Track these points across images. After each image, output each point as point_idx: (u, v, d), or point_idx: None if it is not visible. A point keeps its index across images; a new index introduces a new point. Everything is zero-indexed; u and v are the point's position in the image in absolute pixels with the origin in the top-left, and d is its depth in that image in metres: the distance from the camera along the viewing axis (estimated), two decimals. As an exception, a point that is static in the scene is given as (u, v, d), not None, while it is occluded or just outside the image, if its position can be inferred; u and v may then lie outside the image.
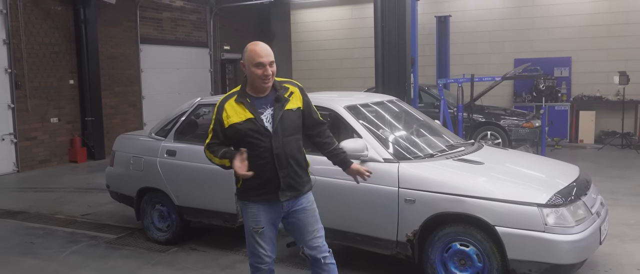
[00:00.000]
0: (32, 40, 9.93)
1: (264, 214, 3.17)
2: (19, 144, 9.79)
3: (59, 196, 7.87)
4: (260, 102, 3.08)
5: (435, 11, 13.18)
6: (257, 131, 3.03)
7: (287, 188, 3.10)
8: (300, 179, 3.16)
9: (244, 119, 3.04)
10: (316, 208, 3.28)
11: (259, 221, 3.17)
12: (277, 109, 3.06)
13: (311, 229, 3.22)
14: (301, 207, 3.20)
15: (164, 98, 12.82)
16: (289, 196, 3.13)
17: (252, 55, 3.00)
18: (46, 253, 5.32)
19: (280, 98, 3.08)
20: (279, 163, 3.06)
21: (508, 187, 3.76)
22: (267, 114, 3.06)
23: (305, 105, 3.20)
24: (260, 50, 3.01)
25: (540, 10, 12.56)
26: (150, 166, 5.37)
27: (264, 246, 3.19)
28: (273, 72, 3.03)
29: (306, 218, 3.21)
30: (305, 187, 3.21)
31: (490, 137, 10.00)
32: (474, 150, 4.60)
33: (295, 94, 3.15)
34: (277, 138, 3.04)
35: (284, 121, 3.06)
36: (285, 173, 3.08)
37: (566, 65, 12.38)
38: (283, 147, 3.05)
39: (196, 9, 14.04)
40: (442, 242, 3.87)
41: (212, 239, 5.57)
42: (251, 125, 3.04)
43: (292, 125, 3.11)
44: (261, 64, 2.99)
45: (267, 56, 3.00)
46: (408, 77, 7.95)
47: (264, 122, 3.04)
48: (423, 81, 11.88)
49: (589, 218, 3.74)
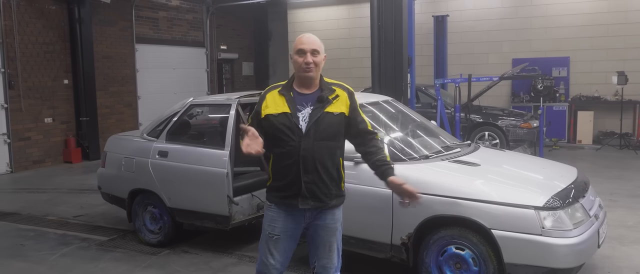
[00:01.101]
0: (25, 40, 9.83)
1: (283, 222, 2.97)
2: (12, 144, 9.70)
3: (51, 197, 7.78)
4: (302, 98, 2.90)
5: (433, 11, 13.11)
6: (289, 128, 2.85)
7: (310, 196, 2.87)
8: (327, 190, 2.90)
9: (280, 112, 2.88)
10: (340, 227, 3.04)
11: (275, 227, 2.98)
12: (317, 109, 2.86)
13: (328, 249, 3.00)
14: (323, 223, 2.96)
15: (160, 98, 12.72)
16: (311, 205, 2.89)
17: (296, 43, 2.90)
18: (36, 255, 5.23)
19: (322, 98, 2.88)
20: (305, 167, 2.84)
21: (504, 189, 3.68)
22: (305, 112, 2.86)
23: (351, 111, 2.94)
24: (304, 38, 2.90)
25: (539, 10, 12.50)
26: (141, 167, 5.29)
27: (275, 255, 2.99)
28: (316, 62, 2.86)
29: (325, 235, 2.98)
30: (332, 200, 2.94)
31: (488, 137, 9.93)
32: (470, 151, 4.52)
33: (341, 98, 2.92)
34: (308, 139, 2.83)
35: (320, 123, 2.84)
36: (309, 179, 2.85)
37: (564, 65, 12.31)
38: (312, 150, 2.83)
39: (192, 8, 13.94)
40: (437, 245, 3.80)
41: (205, 241, 5.48)
42: (285, 120, 2.86)
43: (329, 129, 2.86)
44: (302, 51, 2.86)
45: (309, 44, 2.86)
46: (405, 77, 7.88)
47: (299, 120, 2.85)
48: (421, 81, 11.82)
49: (587, 221, 3.67)
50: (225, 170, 4.73)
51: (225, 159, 4.75)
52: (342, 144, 2.98)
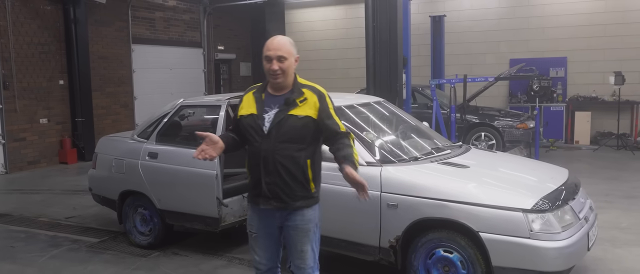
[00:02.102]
0: (20, 40, 9.81)
1: (257, 221, 3.05)
2: (7, 145, 9.67)
3: (45, 198, 7.75)
4: (272, 100, 2.92)
5: (430, 11, 13.07)
6: (254, 129, 2.91)
7: (272, 196, 2.91)
8: (290, 191, 2.90)
9: (249, 113, 2.95)
10: (314, 229, 3.01)
11: (252, 226, 3.09)
12: (281, 111, 2.87)
13: (299, 249, 3.00)
14: (293, 224, 2.97)
15: (157, 99, 12.67)
16: (274, 206, 2.92)
17: (264, 49, 2.88)
18: (25, 257, 5.20)
19: (289, 101, 2.88)
20: (266, 168, 2.88)
21: (492, 191, 3.65)
22: (271, 113, 2.89)
23: (320, 114, 2.90)
24: (271, 44, 2.87)
25: (536, 10, 12.45)
26: (132, 168, 5.26)
27: (257, 251, 3.11)
28: (282, 68, 2.85)
29: (296, 236, 2.98)
30: (297, 202, 2.93)
31: (484, 138, 9.89)
32: (460, 153, 4.49)
33: (310, 101, 2.89)
34: (268, 141, 2.86)
35: (282, 125, 2.86)
36: (270, 180, 2.88)
37: (562, 65, 12.27)
38: (273, 152, 2.85)
39: (189, 8, 13.91)
40: (425, 248, 3.76)
41: (195, 243, 5.45)
42: (251, 121, 2.93)
43: (292, 132, 2.85)
44: (268, 58, 2.86)
45: (275, 50, 2.84)
46: (400, 78, 7.84)
47: (264, 121, 2.88)
48: (418, 81, 11.80)
49: (576, 224, 3.63)
50: (215, 172, 4.70)
51: (214, 161, 4.70)
52: (310, 147, 2.94)
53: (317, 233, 3.08)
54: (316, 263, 3.10)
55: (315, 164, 3.00)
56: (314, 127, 2.90)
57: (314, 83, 3.02)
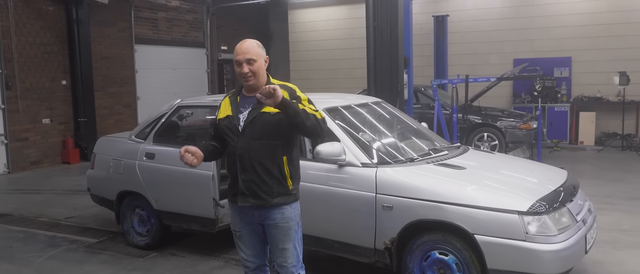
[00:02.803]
0: (23, 41, 9.84)
1: (239, 219, 3.11)
2: (9, 145, 9.71)
3: (46, 198, 7.77)
4: (246, 101, 3.00)
5: (433, 10, 13.02)
6: (230, 129, 3.00)
7: (250, 194, 2.96)
8: (267, 188, 2.94)
9: (225, 115, 3.04)
10: (294, 227, 3.03)
11: (235, 224, 3.15)
12: (254, 109, 2.94)
13: (281, 248, 3.03)
14: (273, 222, 3.00)
15: (159, 99, 12.64)
16: (252, 203, 2.96)
17: (234, 53, 2.96)
18: (23, 257, 5.20)
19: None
20: (242, 165, 2.95)
21: (488, 193, 3.60)
22: (245, 113, 2.97)
23: None
24: (239, 48, 2.94)
25: (540, 10, 12.37)
26: (129, 169, 5.25)
27: (243, 249, 3.17)
28: (253, 70, 2.92)
29: (277, 234, 3.02)
30: (274, 198, 2.95)
31: (487, 139, 9.83)
32: (458, 154, 4.44)
33: None
34: (243, 139, 2.94)
35: (256, 122, 2.92)
36: (246, 177, 2.94)
37: (566, 65, 12.18)
38: (248, 149, 2.92)
39: (193, 9, 13.92)
40: (420, 250, 3.72)
41: (193, 243, 5.44)
42: (227, 122, 3.02)
43: (265, 128, 2.91)
44: (238, 62, 2.94)
45: (243, 54, 2.91)
46: (400, 78, 7.80)
47: (239, 121, 2.97)
48: (422, 81, 11.75)
49: (573, 226, 3.57)
50: (211, 172, 4.68)
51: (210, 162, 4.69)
52: (285, 143, 2.97)
53: (299, 231, 3.11)
54: (299, 262, 3.11)
55: (292, 161, 3.04)
56: (287, 122, 2.88)
57: (286, 82, 3.08)
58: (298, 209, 3.08)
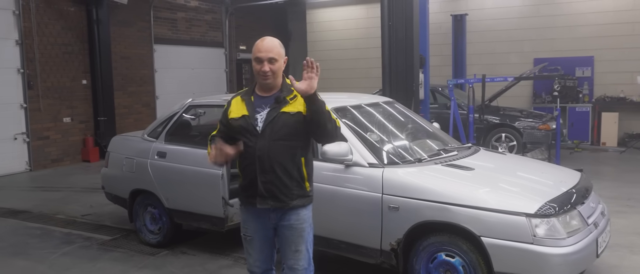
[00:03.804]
0: (44, 41, 10.03)
1: (253, 223, 3.04)
2: (31, 143, 9.91)
3: (64, 196, 7.90)
4: (261, 101, 2.94)
5: (452, 10, 12.88)
6: (247, 130, 2.91)
7: (269, 196, 2.90)
8: (286, 190, 2.90)
9: (240, 115, 2.95)
10: (308, 228, 3.01)
11: (247, 228, 3.08)
12: (273, 109, 2.89)
13: (293, 250, 2.99)
14: (288, 223, 2.96)
15: (178, 98, 12.66)
16: (271, 205, 2.91)
17: (254, 49, 2.90)
18: (38, 254, 5.30)
19: (279, 99, 2.90)
20: (261, 167, 2.87)
21: (496, 195, 3.54)
22: (263, 113, 2.90)
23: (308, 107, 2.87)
24: (261, 45, 2.87)
25: (561, 8, 12.14)
26: (141, 167, 5.30)
27: (252, 254, 3.10)
28: (273, 70, 2.86)
29: (291, 236, 2.97)
30: (293, 200, 2.92)
31: (505, 139, 9.68)
32: (468, 155, 4.38)
33: (299, 99, 2.87)
34: (263, 139, 2.87)
35: (276, 123, 2.86)
36: (266, 179, 2.88)
37: (588, 65, 11.93)
38: (268, 150, 2.85)
39: (211, 9, 14.03)
40: (427, 252, 3.68)
41: (204, 242, 5.47)
42: (243, 122, 2.93)
43: (285, 129, 2.86)
44: (259, 60, 2.86)
45: (266, 52, 2.85)
46: (416, 78, 7.73)
47: (257, 122, 2.89)
48: (440, 81, 11.61)
49: (584, 229, 3.49)
50: (220, 171, 4.69)
51: (220, 161, 4.71)
52: (303, 144, 2.95)
53: (311, 233, 3.08)
54: (311, 264, 3.07)
55: (309, 162, 3.01)
56: (305, 122, 2.89)
57: None
58: (311, 211, 3.05)
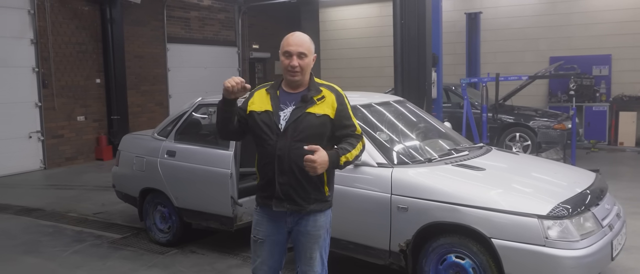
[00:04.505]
0: (59, 40, 10.12)
1: (266, 226, 2.91)
2: (45, 141, 10.00)
3: (77, 194, 7.96)
4: (287, 97, 2.82)
5: (466, 8, 12.74)
6: (268, 126, 2.78)
7: (285, 198, 2.78)
8: (304, 194, 2.79)
9: (263, 110, 2.81)
10: (325, 234, 2.91)
11: (259, 231, 2.93)
12: (299, 108, 2.77)
13: (308, 256, 2.88)
14: (304, 229, 2.85)
15: (191, 97, 12.63)
16: (287, 208, 2.80)
17: (283, 43, 2.78)
18: (49, 252, 5.33)
19: (306, 98, 2.77)
20: (280, 167, 2.75)
21: (507, 196, 3.47)
22: (287, 111, 2.78)
23: (338, 114, 2.80)
24: (291, 39, 2.77)
25: (578, 6, 11.94)
26: (151, 166, 5.31)
27: (262, 257, 2.94)
28: (302, 65, 2.75)
29: (306, 242, 2.87)
30: (310, 205, 2.81)
31: (519, 139, 9.54)
32: (479, 154, 4.30)
33: (328, 100, 2.79)
34: (284, 139, 2.74)
35: (300, 123, 2.74)
36: (284, 180, 2.76)
37: (606, 63, 11.72)
38: (288, 150, 2.73)
39: (224, 8, 14.04)
40: (436, 253, 3.62)
41: (214, 241, 5.46)
42: (266, 118, 2.79)
43: (308, 130, 2.74)
44: (288, 53, 2.75)
45: (296, 46, 2.74)
46: (428, 76, 7.65)
47: (279, 119, 2.77)
48: (454, 80, 11.49)
49: (598, 231, 3.41)
50: (229, 170, 4.68)
51: (229, 160, 4.70)
52: (325, 147, 2.81)
53: (327, 238, 2.97)
54: (324, 270, 2.98)
55: None
56: (330, 127, 2.81)
57: (331, 83, 2.93)
58: (330, 216, 2.95)
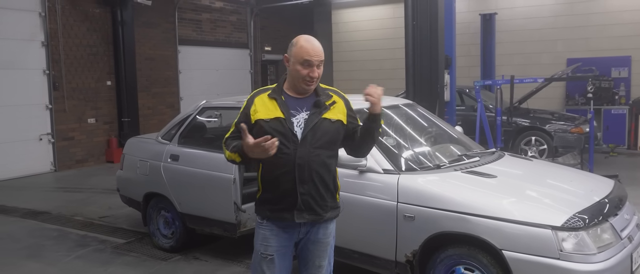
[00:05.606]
0: (70, 42, 10.11)
1: (277, 239, 2.73)
2: (56, 144, 9.99)
3: (85, 197, 7.91)
4: (295, 103, 2.67)
5: (481, 9, 12.51)
6: (283, 134, 2.60)
7: (306, 208, 2.65)
8: (323, 202, 2.68)
9: (273, 117, 2.63)
10: (332, 242, 2.84)
11: (268, 247, 2.73)
12: (314, 114, 2.64)
13: (317, 265, 2.79)
14: (315, 237, 2.75)
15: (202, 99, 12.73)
16: (307, 219, 2.66)
17: (301, 51, 2.59)
18: (51, 256, 5.25)
19: (319, 103, 2.66)
20: (301, 176, 2.61)
21: (519, 205, 3.29)
22: (299, 117, 2.65)
23: (349, 119, 2.76)
24: (312, 48, 2.60)
25: (596, 6, 11.64)
26: (154, 170, 5.21)
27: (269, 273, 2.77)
28: (319, 74, 2.65)
29: (316, 250, 2.77)
30: (327, 213, 2.72)
31: (535, 143, 9.30)
32: (491, 160, 4.12)
33: (339, 105, 2.72)
34: (304, 147, 2.60)
35: (317, 129, 2.63)
36: (305, 190, 2.62)
37: (625, 65, 11.40)
38: (308, 158, 2.61)
39: (236, 9, 13.98)
40: (444, 265, 3.45)
41: (218, 248, 5.34)
42: (278, 125, 2.62)
43: (326, 137, 2.64)
44: (309, 63, 2.59)
45: (317, 56, 2.61)
46: (441, 79, 7.47)
47: (294, 126, 2.62)
48: (468, 82, 11.29)
49: (617, 244, 3.21)
50: (232, 176, 4.55)
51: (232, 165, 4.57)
52: (337, 153, 2.78)
53: (333, 245, 2.90)
54: None
55: (337, 173, 2.84)
56: (343, 132, 2.73)
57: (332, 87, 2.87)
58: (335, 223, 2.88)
